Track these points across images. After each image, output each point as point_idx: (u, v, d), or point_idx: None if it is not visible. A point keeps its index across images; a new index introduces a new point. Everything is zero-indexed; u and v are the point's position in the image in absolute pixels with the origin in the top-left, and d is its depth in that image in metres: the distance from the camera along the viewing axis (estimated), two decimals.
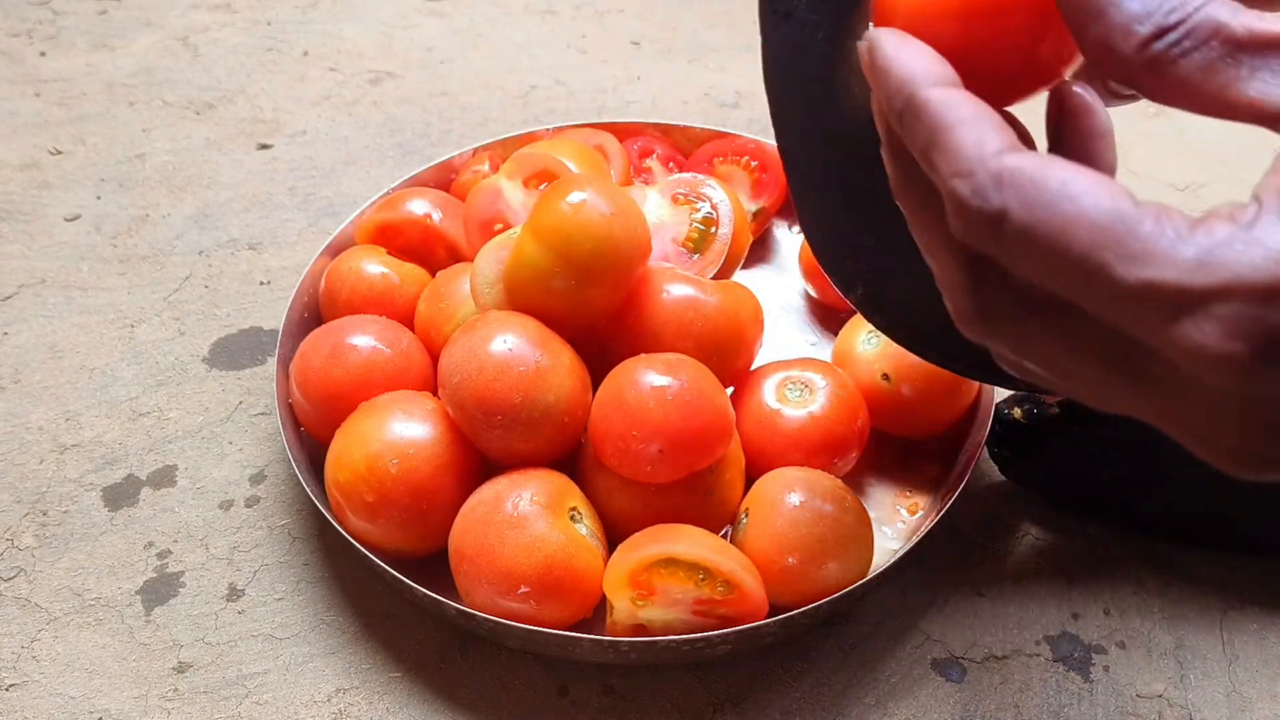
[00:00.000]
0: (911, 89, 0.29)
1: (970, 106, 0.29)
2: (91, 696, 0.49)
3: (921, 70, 0.29)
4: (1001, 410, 0.55)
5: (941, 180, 0.28)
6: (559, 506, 0.49)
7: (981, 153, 0.27)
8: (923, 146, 0.29)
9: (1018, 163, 0.27)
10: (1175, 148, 0.82)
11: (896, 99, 0.30)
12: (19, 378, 0.63)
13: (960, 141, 0.28)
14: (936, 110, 0.29)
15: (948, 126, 0.28)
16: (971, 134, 0.28)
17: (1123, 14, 0.27)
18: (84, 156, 0.79)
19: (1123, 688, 0.50)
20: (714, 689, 0.50)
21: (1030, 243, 0.26)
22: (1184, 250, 0.25)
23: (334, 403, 0.54)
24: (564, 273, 0.50)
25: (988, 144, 0.27)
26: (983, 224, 0.27)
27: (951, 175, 0.28)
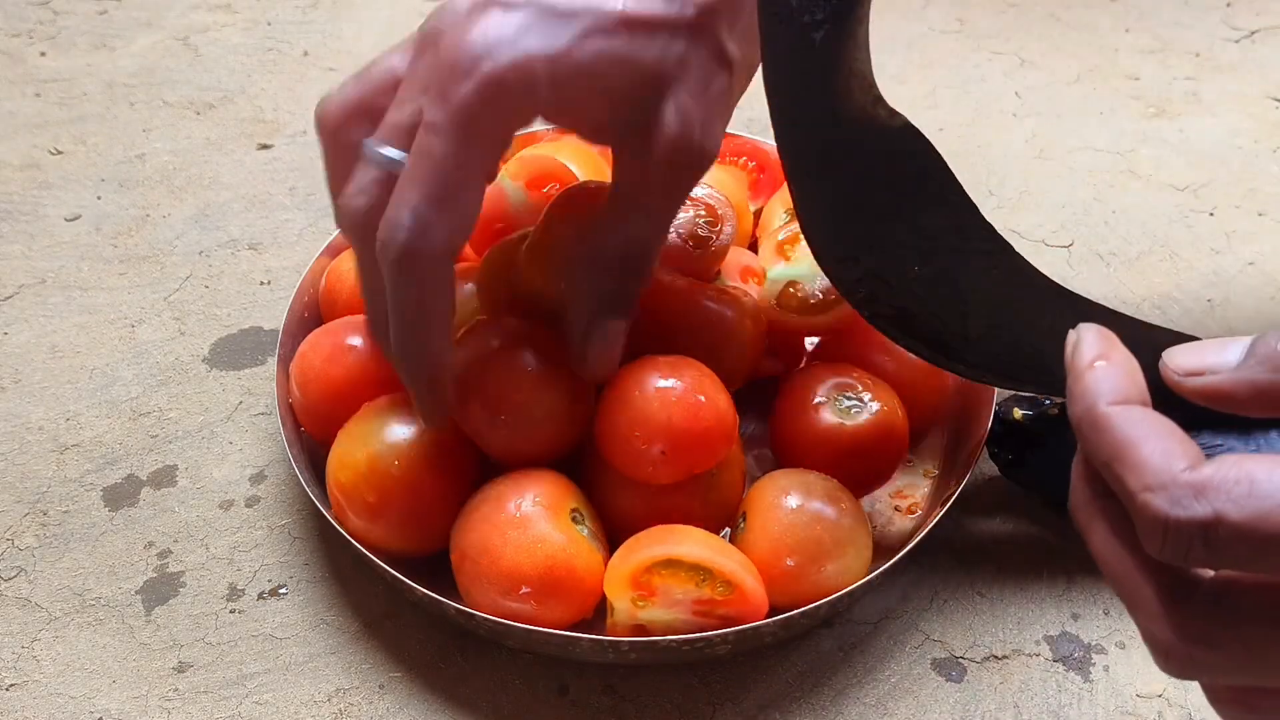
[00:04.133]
0: (1092, 401, 0.30)
1: (1152, 423, 0.29)
2: (91, 696, 0.49)
3: (1109, 385, 0.30)
4: (1001, 410, 0.55)
5: (1130, 495, 0.28)
6: (561, 507, 0.49)
7: (1171, 465, 0.27)
8: (1105, 461, 0.29)
9: (1213, 469, 0.27)
10: (1176, 148, 0.82)
11: (1078, 408, 0.31)
12: (19, 378, 0.63)
13: (1147, 456, 0.28)
14: (1117, 426, 0.29)
15: (1132, 442, 0.29)
16: (1158, 448, 0.28)
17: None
18: (84, 156, 0.79)
19: (1123, 688, 0.50)
20: (714, 689, 0.50)
21: (1256, 540, 0.26)
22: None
23: (334, 403, 0.54)
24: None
25: (1176, 458, 0.28)
26: (1191, 534, 0.27)
27: (1142, 490, 0.28)
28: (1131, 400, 0.30)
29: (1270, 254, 0.73)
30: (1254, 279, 0.71)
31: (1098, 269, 0.72)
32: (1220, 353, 0.31)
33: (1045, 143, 0.83)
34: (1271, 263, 0.72)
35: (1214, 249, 0.74)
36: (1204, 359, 0.31)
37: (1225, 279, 0.71)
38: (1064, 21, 0.96)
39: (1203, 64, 0.91)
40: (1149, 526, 0.28)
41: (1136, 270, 0.72)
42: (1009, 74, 0.90)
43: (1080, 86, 0.88)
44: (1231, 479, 0.27)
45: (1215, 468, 0.27)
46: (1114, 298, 0.70)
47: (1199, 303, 0.70)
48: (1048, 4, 0.98)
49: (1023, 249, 0.46)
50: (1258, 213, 0.76)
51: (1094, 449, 0.30)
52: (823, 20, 0.37)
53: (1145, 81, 0.89)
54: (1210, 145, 0.82)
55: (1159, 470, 0.28)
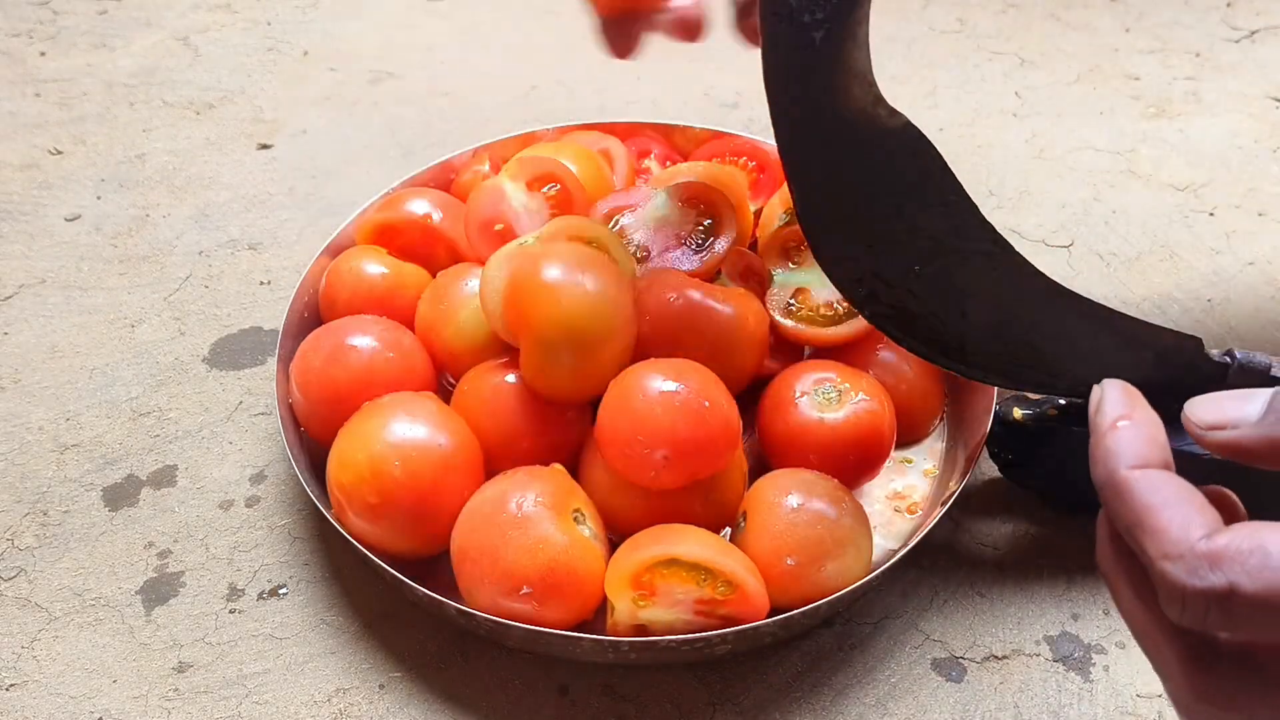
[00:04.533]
0: (1114, 465, 0.31)
1: (1172, 488, 0.30)
2: (91, 696, 0.49)
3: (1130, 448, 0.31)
4: (1001, 410, 0.55)
5: (1150, 563, 0.29)
6: (563, 508, 0.49)
7: (1188, 535, 0.28)
8: (1126, 525, 0.30)
9: (1228, 539, 0.27)
10: (1177, 148, 0.82)
11: (1099, 470, 0.31)
12: (19, 378, 0.63)
13: (1166, 524, 0.29)
14: (1139, 490, 0.30)
15: (1151, 508, 0.29)
16: (1177, 516, 0.29)
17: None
18: (84, 156, 0.79)
19: (1123, 688, 0.50)
20: (714, 689, 0.50)
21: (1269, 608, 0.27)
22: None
23: (334, 403, 0.54)
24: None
25: (1194, 527, 0.28)
26: (1209, 603, 0.27)
27: (1161, 558, 0.28)
28: (1152, 463, 0.31)
29: (1270, 254, 0.73)
30: (1254, 279, 0.71)
31: (1098, 269, 0.72)
32: (1241, 406, 0.31)
33: (1045, 143, 0.83)
34: (1271, 263, 0.72)
35: (1214, 249, 0.74)
36: (1225, 413, 0.31)
37: (1225, 279, 0.71)
38: (1064, 21, 0.96)
39: (1203, 64, 0.91)
40: (1168, 594, 0.28)
41: (1136, 270, 0.72)
42: (1009, 74, 0.90)
43: (1080, 86, 0.88)
44: (1246, 550, 0.27)
45: (1230, 537, 0.28)
46: (1114, 298, 0.70)
47: (1199, 303, 0.70)
48: (1048, 4, 0.98)
49: (1023, 249, 0.46)
50: (1258, 213, 0.76)
51: (1115, 513, 0.31)
52: (823, 20, 0.37)
53: (1145, 81, 0.89)
54: (1210, 145, 0.82)
55: (1177, 540, 0.28)
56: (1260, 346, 0.65)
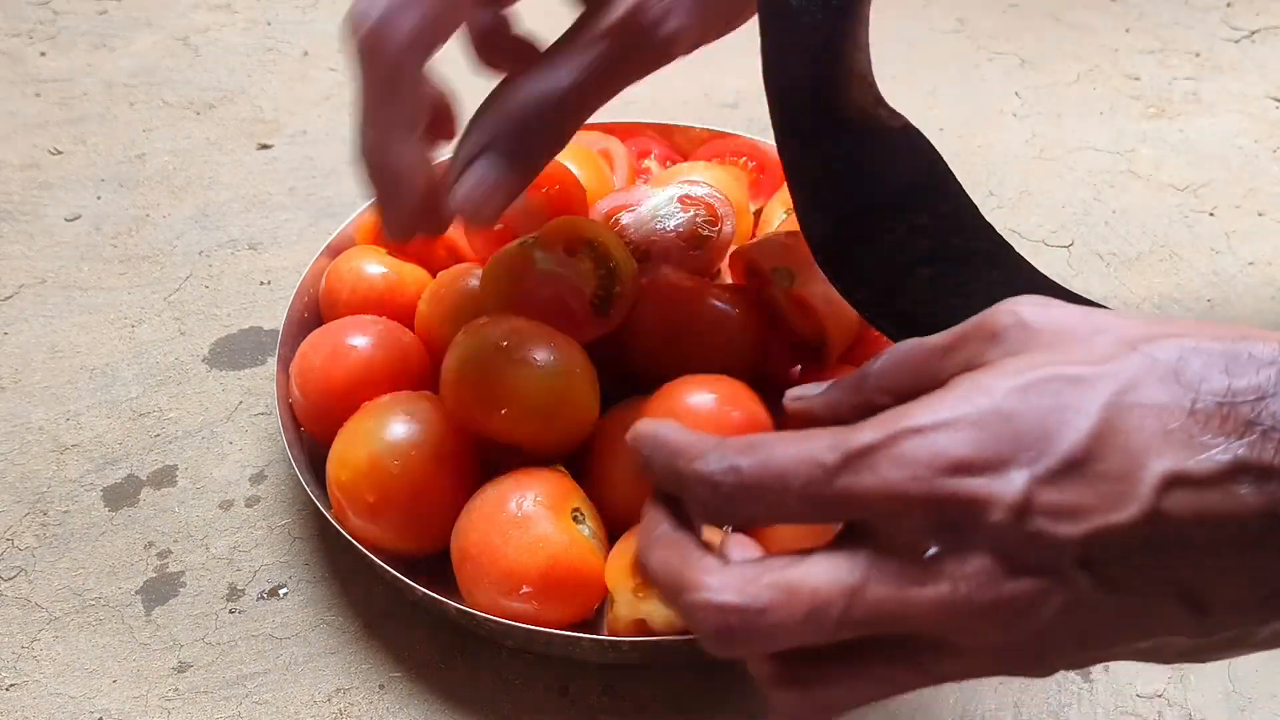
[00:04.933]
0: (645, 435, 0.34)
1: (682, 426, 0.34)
2: (91, 696, 0.49)
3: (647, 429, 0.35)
4: None
5: (682, 476, 0.32)
6: (562, 507, 0.49)
7: (703, 441, 0.32)
8: (666, 467, 0.33)
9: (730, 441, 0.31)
10: (1176, 148, 0.82)
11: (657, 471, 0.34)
12: (19, 378, 0.63)
13: (684, 441, 0.33)
14: (663, 434, 0.34)
15: (674, 442, 0.33)
16: (689, 436, 0.33)
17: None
18: (84, 156, 0.79)
19: (1123, 687, 0.50)
20: (714, 689, 0.50)
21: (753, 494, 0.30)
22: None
23: (334, 403, 0.54)
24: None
25: (706, 440, 0.32)
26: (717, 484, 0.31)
27: (692, 460, 0.32)
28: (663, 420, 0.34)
29: (1270, 254, 0.73)
30: (1254, 279, 0.71)
31: (1098, 269, 0.72)
32: (818, 386, 0.36)
33: (1045, 143, 0.83)
34: (1271, 263, 0.72)
35: (1214, 249, 0.74)
36: (805, 389, 0.36)
37: (1225, 279, 0.71)
38: (1064, 21, 0.96)
39: (1203, 64, 0.91)
40: (696, 491, 0.32)
41: (1136, 270, 0.72)
42: (1009, 74, 0.90)
43: (1080, 86, 0.88)
44: (742, 442, 0.31)
45: (731, 441, 0.31)
46: (1114, 298, 0.70)
47: (1199, 303, 0.70)
48: (1048, 4, 0.98)
49: (1023, 249, 0.46)
50: (1258, 213, 0.76)
51: (658, 469, 0.33)
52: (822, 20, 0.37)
53: (1145, 81, 0.89)
54: (1210, 145, 0.82)
55: (694, 443, 0.32)
56: None
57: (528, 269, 0.53)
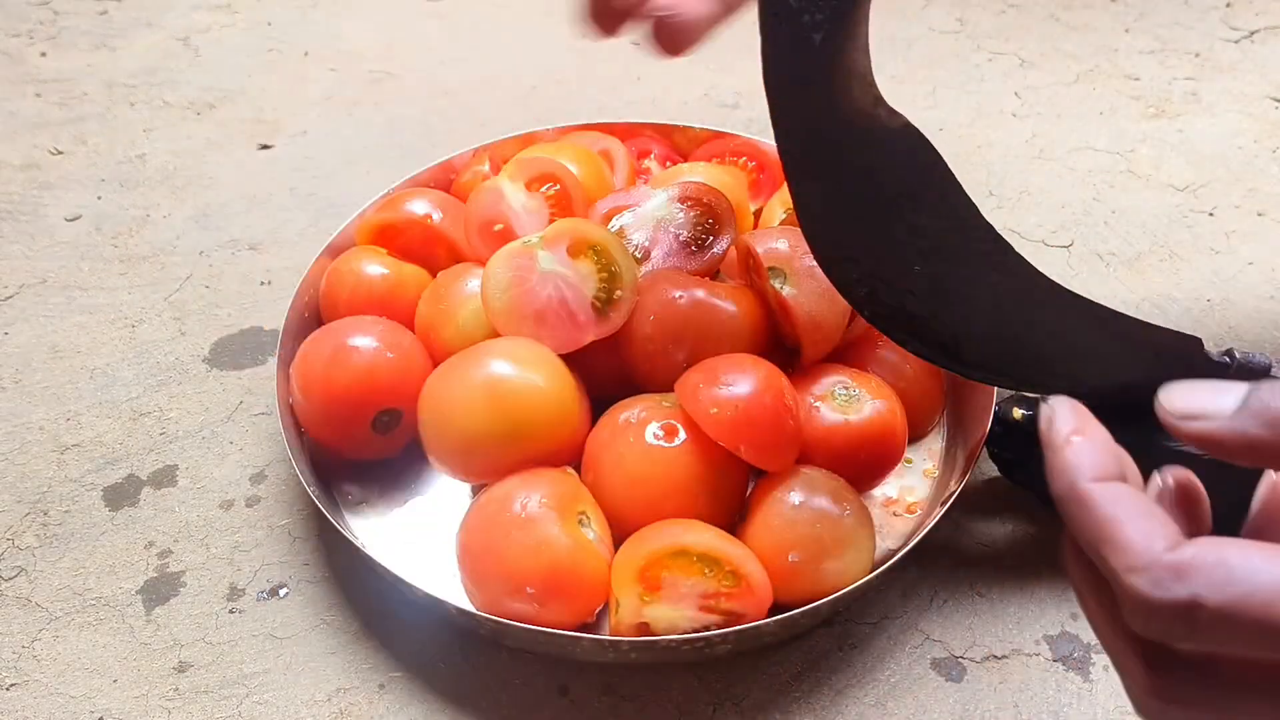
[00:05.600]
0: (1073, 478, 0.31)
1: (1133, 501, 0.30)
2: (92, 696, 0.49)
3: (1089, 460, 0.31)
4: (1001, 410, 0.55)
5: (1114, 575, 0.29)
6: (568, 510, 0.49)
7: (1152, 546, 0.28)
8: (1088, 540, 0.30)
9: (1193, 552, 0.28)
10: (1176, 148, 0.82)
11: (1059, 482, 0.31)
12: (19, 378, 0.63)
13: (1129, 537, 0.29)
14: (1100, 503, 0.30)
15: (1114, 520, 0.29)
16: (1139, 529, 0.29)
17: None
18: (84, 156, 0.79)
19: (1122, 688, 0.50)
20: (714, 688, 0.50)
21: (1232, 623, 0.27)
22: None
23: (335, 404, 0.54)
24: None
25: (1156, 539, 0.28)
26: (1173, 615, 0.28)
27: (1126, 571, 0.29)
28: (1111, 476, 0.31)
29: (1270, 254, 0.73)
30: (1254, 279, 0.71)
31: (1098, 269, 0.72)
32: (1215, 399, 0.31)
33: (1045, 143, 0.83)
34: (1271, 263, 0.72)
35: (1214, 249, 0.74)
36: (1200, 403, 0.31)
37: (1225, 279, 0.71)
38: (1064, 22, 0.96)
39: (1203, 64, 0.91)
40: (1133, 606, 0.29)
41: (1136, 270, 0.72)
42: (1009, 74, 0.90)
43: (1080, 86, 0.88)
44: (1210, 563, 0.27)
45: (1195, 550, 0.28)
46: (1114, 298, 0.70)
47: (1199, 303, 0.70)
48: (1048, 4, 0.98)
49: (1023, 249, 0.46)
50: (1257, 213, 0.76)
51: (1078, 526, 0.31)
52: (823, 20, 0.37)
53: (1145, 81, 0.89)
54: (1210, 145, 0.82)
55: (1141, 553, 0.28)
56: (1260, 346, 0.65)
57: (529, 270, 0.53)
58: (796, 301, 0.53)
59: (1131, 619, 0.29)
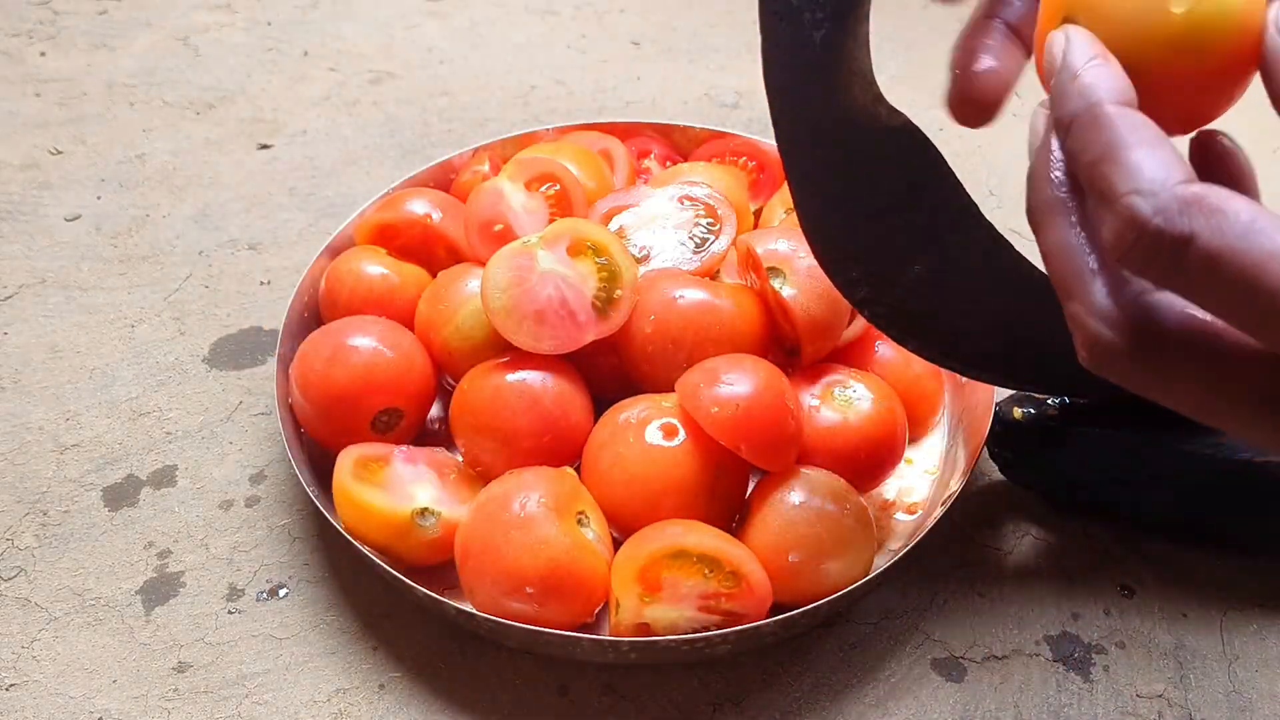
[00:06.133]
0: (1096, 97, 0.30)
1: (1153, 130, 0.29)
2: (91, 696, 0.49)
3: (1108, 84, 0.30)
4: (1001, 410, 0.55)
5: (1114, 196, 0.28)
6: (566, 510, 0.49)
7: (1168, 174, 0.27)
8: (1095, 158, 0.29)
9: (1204, 190, 0.27)
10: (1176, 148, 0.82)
11: (1076, 102, 0.30)
12: (19, 378, 0.63)
13: (1142, 161, 0.28)
14: (1121, 125, 0.29)
15: (1130, 144, 0.28)
16: (1156, 155, 0.28)
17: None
18: (84, 156, 0.79)
19: (1123, 688, 0.50)
20: (714, 688, 0.50)
21: (1216, 270, 0.26)
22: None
23: (335, 405, 0.54)
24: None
25: (1173, 168, 0.28)
26: (1163, 246, 0.27)
27: (1130, 192, 0.28)
28: (1132, 103, 0.30)
29: None
30: None
31: None
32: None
33: None
34: None
35: None
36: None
37: None
38: None
39: None
40: (1124, 228, 0.28)
41: None
42: None
43: None
44: (1217, 206, 0.27)
45: (1207, 190, 0.27)
46: None
47: None
48: None
49: (1023, 249, 0.46)
50: None
51: (1084, 146, 0.30)
52: (823, 19, 0.37)
53: None
54: None
55: (1151, 178, 0.27)
56: None
57: (529, 270, 0.53)
58: (796, 301, 0.53)
59: (1117, 242, 0.28)
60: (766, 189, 0.68)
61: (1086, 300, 0.31)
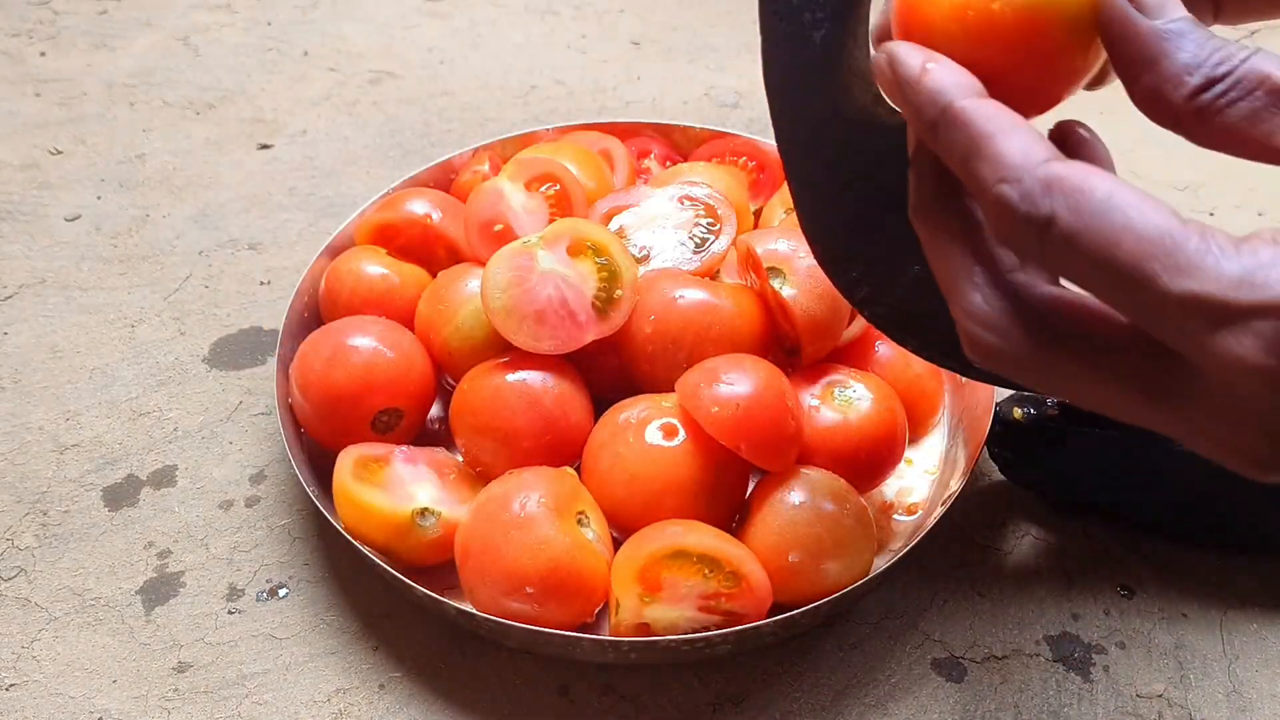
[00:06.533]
0: (947, 99, 0.30)
1: (1009, 116, 0.29)
2: (91, 696, 0.49)
3: (952, 81, 0.30)
4: (1001, 410, 0.55)
5: (985, 188, 0.29)
6: (566, 510, 0.49)
7: (1028, 159, 0.28)
8: (962, 155, 0.30)
9: (1065, 170, 0.28)
10: (1176, 148, 0.82)
11: (930, 109, 0.31)
12: (19, 378, 0.63)
13: (1004, 148, 0.29)
14: (976, 119, 0.29)
15: (990, 134, 0.29)
16: (1016, 141, 0.29)
17: (1174, 65, 0.29)
18: (84, 156, 0.79)
19: (1123, 688, 0.50)
20: (714, 688, 0.50)
21: (1076, 249, 0.27)
22: (1228, 267, 0.26)
23: (335, 404, 0.54)
24: None
25: (1033, 152, 0.28)
26: (1029, 229, 0.28)
27: (998, 181, 0.28)
28: (981, 94, 0.30)
29: None
30: None
31: None
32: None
33: None
34: None
35: None
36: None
37: None
38: None
39: None
40: (998, 217, 0.29)
41: None
42: None
43: None
44: (1075, 185, 0.27)
45: (1067, 169, 0.28)
46: None
47: None
48: None
49: None
50: (1258, 213, 0.76)
51: (949, 146, 0.30)
52: (823, 19, 0.37)
53: None
54: None
55: (1014, 164, 0.28)
56: None
57: (529, 270, 0.53)
58: (796, 301, 0.53)
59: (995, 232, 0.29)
60: (766, 189, 0.68)
61: (963, 302, 0.32)
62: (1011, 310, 0.31)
